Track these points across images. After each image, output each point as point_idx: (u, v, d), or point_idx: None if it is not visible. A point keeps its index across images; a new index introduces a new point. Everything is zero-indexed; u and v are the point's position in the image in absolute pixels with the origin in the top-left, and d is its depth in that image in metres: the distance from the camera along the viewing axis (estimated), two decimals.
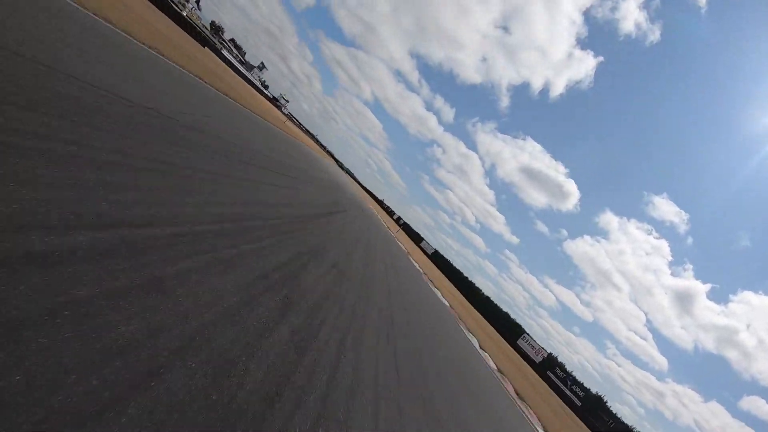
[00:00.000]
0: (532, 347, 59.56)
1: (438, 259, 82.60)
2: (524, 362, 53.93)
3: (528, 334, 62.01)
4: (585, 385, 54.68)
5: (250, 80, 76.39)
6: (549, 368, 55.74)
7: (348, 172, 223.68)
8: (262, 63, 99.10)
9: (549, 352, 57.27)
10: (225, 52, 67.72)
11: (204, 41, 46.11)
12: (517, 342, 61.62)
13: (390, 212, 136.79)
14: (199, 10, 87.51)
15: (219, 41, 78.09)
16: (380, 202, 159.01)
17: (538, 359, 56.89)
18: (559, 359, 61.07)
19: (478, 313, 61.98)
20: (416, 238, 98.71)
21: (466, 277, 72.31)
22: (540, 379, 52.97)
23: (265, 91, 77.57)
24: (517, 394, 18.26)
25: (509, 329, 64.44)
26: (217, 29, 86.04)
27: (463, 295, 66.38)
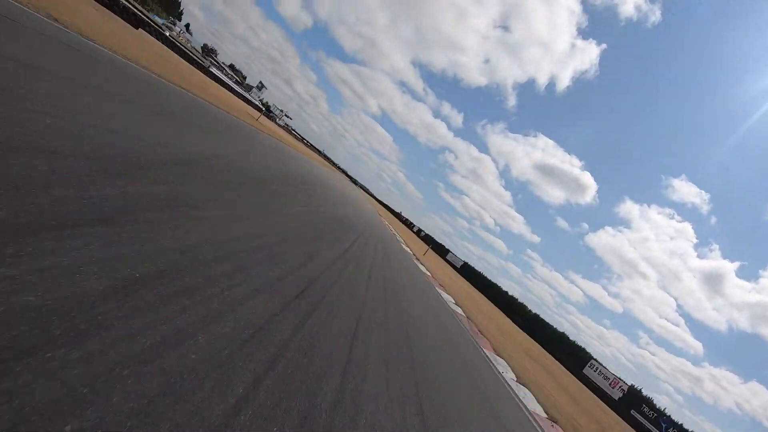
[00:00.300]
0: (605, 378, 46.40)
1: (468, 272, 71.38)
2: (598, 400, 41.06)
3: (596, 360, 48.82)
4: (681, 423, 40.62)
5: (247, 98, 71.36)
6: (633, 405, 42.50)
7: (363, 187, 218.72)
8: (261, 83, 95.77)
9: (630, 383, 44.03)
10: (215, 70, 63.21)
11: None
12: (584, 371, 48.51)
13: (409, 225, 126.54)
14: (189, 34, 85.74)
15: (211, 62, 74.70)
16: (398, 215, 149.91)
17: (616, 394, 43.66)
18: (630, 383, 46.46)
19: (535, 344, 50.11)
20: (441, 250, 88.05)
21: (506, 292, 60.48)
22: (621, 419, 39.83)
23: (254, 101, 72.29)
24: None
25: (570, 353, 51.66)
26: (209, 51, 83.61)
27: (503, 312, 54.75)
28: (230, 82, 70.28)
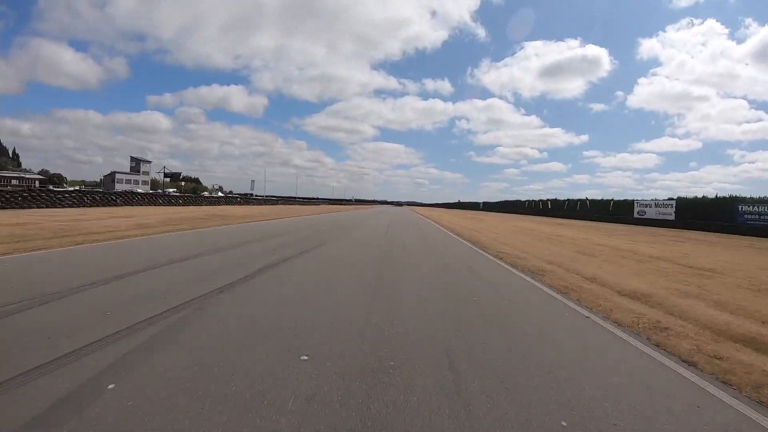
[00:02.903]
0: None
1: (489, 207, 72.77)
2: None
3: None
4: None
5: None
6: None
7: (409, 203, 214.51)
8: (164, 168, 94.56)
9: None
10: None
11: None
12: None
13: (459, 205, 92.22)
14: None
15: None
16: (454, 204, 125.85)
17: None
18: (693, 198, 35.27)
19: None
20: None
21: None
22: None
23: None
24: None
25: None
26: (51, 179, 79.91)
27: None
28: None
